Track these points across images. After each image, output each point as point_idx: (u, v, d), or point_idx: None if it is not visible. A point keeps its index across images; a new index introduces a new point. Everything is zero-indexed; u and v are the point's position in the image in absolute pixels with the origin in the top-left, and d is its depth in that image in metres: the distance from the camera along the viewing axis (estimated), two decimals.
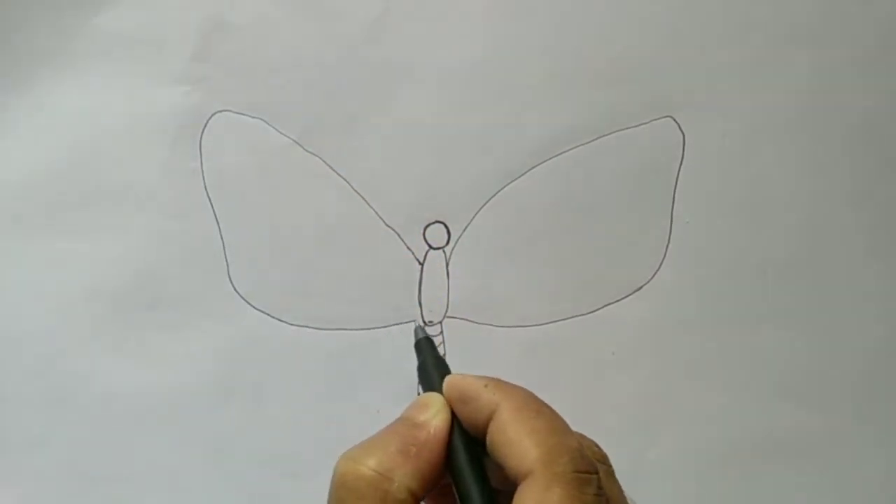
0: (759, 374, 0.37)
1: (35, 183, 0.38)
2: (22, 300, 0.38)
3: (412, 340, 0.37)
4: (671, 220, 0.37)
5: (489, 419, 0.29)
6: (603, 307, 0.37)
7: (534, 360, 0.37)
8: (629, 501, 0.30)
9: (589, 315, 0.37)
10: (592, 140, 0.37)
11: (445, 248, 0.38)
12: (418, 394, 0.32)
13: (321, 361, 0.38)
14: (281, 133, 0.37)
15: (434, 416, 0.30)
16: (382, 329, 0.38)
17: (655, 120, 0.37)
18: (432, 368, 0.33)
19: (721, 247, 0.37)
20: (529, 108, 0.37)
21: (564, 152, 0.37)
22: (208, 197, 0.38)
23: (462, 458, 0.29)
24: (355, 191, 0.37)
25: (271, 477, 0.38)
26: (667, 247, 0.37)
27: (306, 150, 0.37)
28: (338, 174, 0.37)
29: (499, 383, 0.30)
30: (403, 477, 0.28)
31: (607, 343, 0.37)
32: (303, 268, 0.38)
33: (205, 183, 0.38)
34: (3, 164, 0.38)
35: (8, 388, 0.38)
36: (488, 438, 0.29)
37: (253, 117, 0.37)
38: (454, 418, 0.30)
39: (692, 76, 0.37)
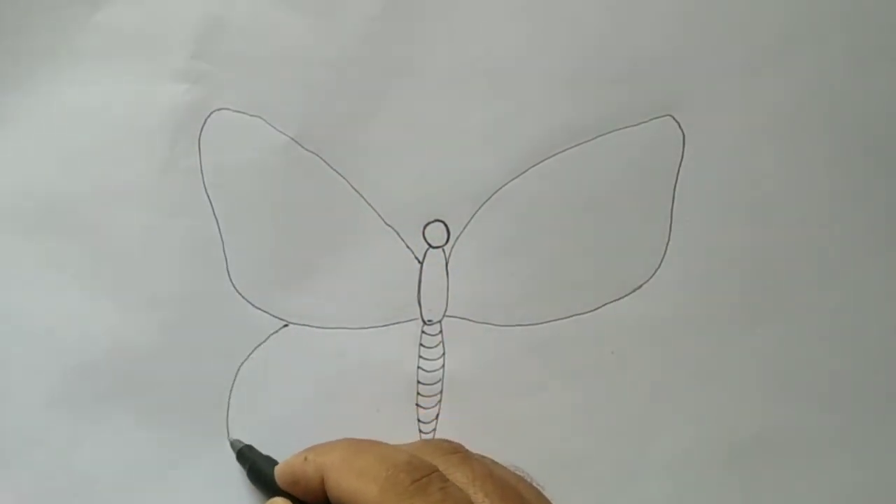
0: (759, 374, 0.37)
1: (33, 181, 0.38)
2: (20, 298, 0.38)
3: (412, 339, 0.38)
4: (671, 219, 0.37)
5: (322, 486, 0.30)
6: (603, 306, 0.37)
7: (533, 360, 0.37)
8: (516, 471, 0.30)
9: (588, 314, 0.37)
10: (592, 139, 0.37)
11: (445, 247, 0.38)
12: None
13: (320, 360, 0.38)
14: (279, 131, 0.37)
15: None
16: (382, 328, 0.38)
17: (655, 119, 0.37)
18: (264, 468, 0.35)
19: (721, 246, 0.37)
20: (529, 106, 0.37)
21: (564, 151, 0.37)
22: (207, 195, 0.37)
23: None
24: (354, 189, 0.37)
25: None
26: (666, 246, 0.37)
27: (305, 149, 0.37)
28: (337, 172, 0.37)
29: (317, 448, 0.31)
30: None
31: (607, 342, 0.37)
32: (302, 266, 0.38)
33: (203, 181, 0.37)
34: (1, 162, 0.38)
35: (6, 386, 0.38)
36: (332, 502, 0.30)
37: (252, 115, 0.37)
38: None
39: (692, 75, 0.37)
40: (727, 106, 0.37)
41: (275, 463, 0.35)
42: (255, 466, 0.36)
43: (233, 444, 0.37)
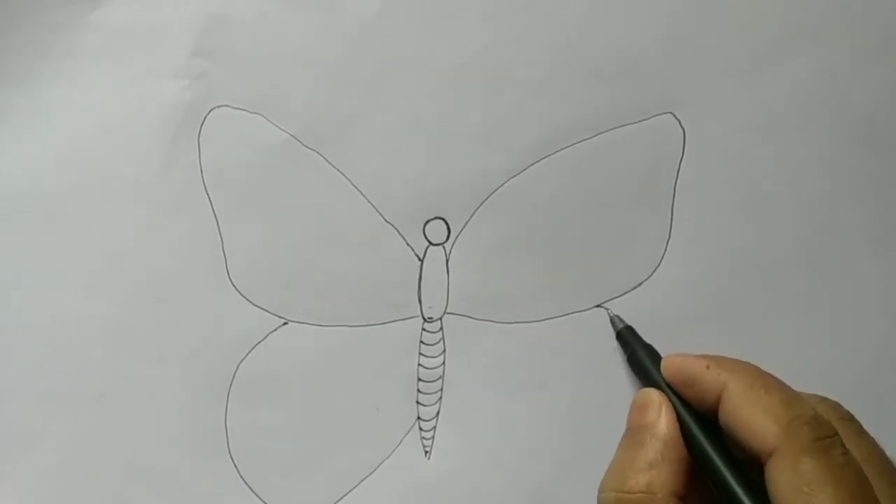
0: None
1: (32, 178, 0.38)
2: (20, 296, 0.38)
3: (413, 337, 0.38)
4: (671, 217, 0.37)
5: (717, 399, 0.30)
6: (603, 303, 0.37)
7: (534, 357, 0.37)
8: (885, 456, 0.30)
9: (589, 311, 0.37)
10: (593, 136, 0.37)
11: (445, 245, 0.37)
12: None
13: (320, 358, 0.38)
14: (280, 128, 0.37)
15: (659, 413, 0.32)
16: (382, 325, 0.38)
17: (656, 116, 0.37)
18: (644, 358, 0.34)
19: (721, 243, 0.37)
20: (530, 103, 0.37)
21: (565, 148, 0.37)
22: (207, 192, 0.37)
23: (704, 444, 0.31)
24: (354, 186, 0.37)
25: (271, 475, 0.37)
26: (667, 243, 0.37)
27: (305, 146, 0.37)
28: (337, 170, 0.37)
29: (721, 361, 0.31)
30: (664, 486, 0.30)
31: (607, 339, 0.37)
32: (302, 264, 0.38)
33: (203, 178, 0.37)
34: (1, 158, 0.38)
35: (6, 385, 0.37)
36: (721, 419, 0.30)
37: (252, 112, 0.37)
38: (681, 402, 0.32)
39: (693, 72, 0.37)
40: (728, 103, 0.37)
41: (654, 351, 0.34)
42: (636, 354, 0.35)
43: (612, 319, 0.36)
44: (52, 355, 0.37)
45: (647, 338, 0.36)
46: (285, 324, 0.38)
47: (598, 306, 0.37)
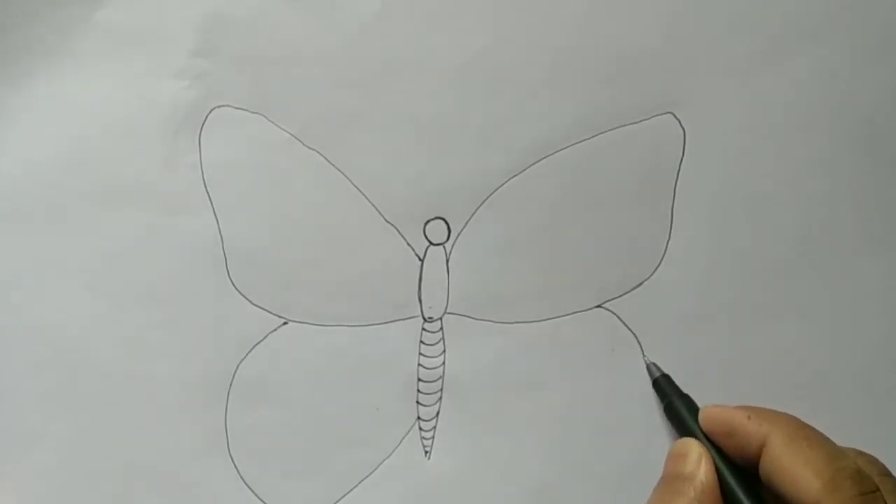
0: (758, 372, 0.37)
1: (34, 177, 0.38)
2: (20, 296, 0.38)
3: (413, 337, 0.38)
4: (671, 217, 0.37)
5: (758, 451, 0.30)
6: (604, 303, 0.37)
7: (534, 357, 0.37)
8: None
9: (589, 311, 0.37)
10: (593, 136, 0.37)
11: (446, 244, 0.37)
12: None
13: (320, 358, 0.38)
14: (280, 128, 0.37)
15: (698, 463, 0.32)
16: (382, 325, 0.38)
17: (656, 116, 0.37)
18: (681, 407, 0.34)
19: (721, 243, 0.37)
20: (530, 103, 0.37)
21: (565, 148, 0.37)
22: (207, 192, 0.37)
23: (741, 496, 0.31)
24: (355, 186, 0.37)
25: (271, 475, 0.37)
26: (667, 243, 0.37)
27: (306, 146, 0.37)
28: (337, 170, 0.37)
29: (762, 413, 0.31)
30: None
31: (607, 339, 0.37)
32: (302, 264, 0.38)
33: (204, 178, 0.37)
34: (2, 158, 0.38)
35: (6, 384, 0.37)
36: (762, 469, 0.30)
37: (253, 112, 0.37)
38: (718, 452, 0.32)
39: (693, 72, 0.37)
40: (728, 103, 0.37)
41: (691, 401, 0.35)
42: (673, 403, 0.35)
43: (649, 367, 0.36)
44: (52, 355, 0.37)
45: (647, 337, 0.36)
46: (285, 323, 0.38)
47: (598, 306, 0.37)
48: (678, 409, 0.35)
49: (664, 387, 0.36)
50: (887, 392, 0.37)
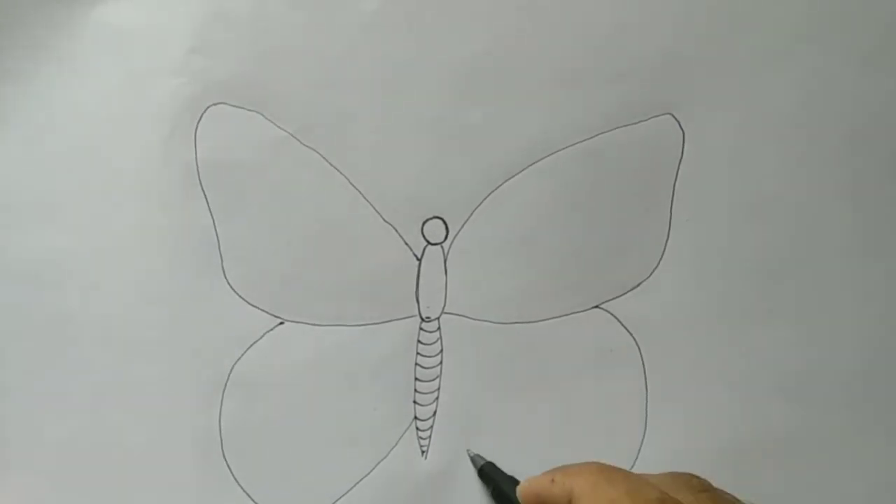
0: (757, 372, 0.37)
1: (31, 175, 0.37)
2: (19, 294, 0.37)
3: (410, 336, 0.37)
4: (670, 218, 0.37)
5: None
6: (602, 304, 0.37)
7: (532, 357, 0.37)
8: None
9: (587, 312, 0.37)
10: (592, 137, 0.37)
11: (444, 244, 0.37)
12: None
13: (316, 358, 0.37)
14: (278, 126, 0.37)
15: None
16: (379, 325, 0.37)
17: (655, 117, 0.37)
18: (508, 490, 0.35)
19: (720, 244, 0.37)
20: (529, 104, 0.37)
21: (564, 149, 0.37)
22: (203, 190, 0.37)
23: None
24: (353, 185, 0.37)
25: (265, 476, 0.37)
26: (666, 244, 0.37)
27: (303, 144, 0.37)
28: (335, 168, 0.37)
29: (565, 470, 0.32)
30: None
31: (606, 340, 0.37)
32: (299, 263, 0.37)
33: (199, 176, 0.37)
34: None
35: (6, 385, 0.37)
36: None
37: (250, 110, 0.37)
38: None
39: (692, 74, 0.37)
40: (727, 105, 0.37)
41: (516, 482, 0.35)
42: (499, 487, 0.35)
43: (473, 459, 0.37)
44: (52, 355, 0.37)
45: (645, 338, 0.36)
46: (281, 323, 0.37)
47: (596, 307, 0.37)
48: (504, 493, 0.35)
49: (489, 473, 0.36)
50: (886, 392, 0.37)
